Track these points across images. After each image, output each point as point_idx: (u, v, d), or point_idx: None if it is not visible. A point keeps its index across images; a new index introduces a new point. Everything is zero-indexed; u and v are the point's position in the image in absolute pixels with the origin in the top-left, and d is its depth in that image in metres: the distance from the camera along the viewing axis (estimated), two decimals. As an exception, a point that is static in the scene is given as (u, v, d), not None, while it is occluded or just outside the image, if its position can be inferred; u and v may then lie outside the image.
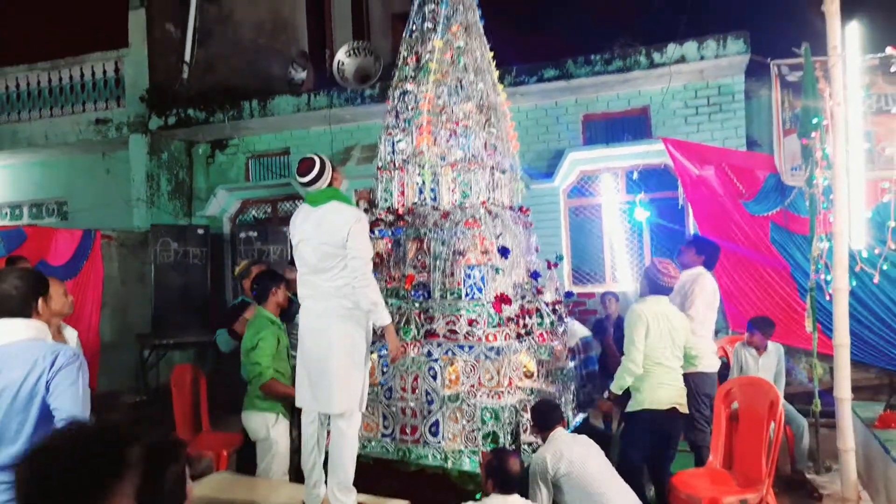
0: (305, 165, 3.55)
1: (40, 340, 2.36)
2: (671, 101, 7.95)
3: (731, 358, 5.85)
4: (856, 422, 4.92)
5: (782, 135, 7.21)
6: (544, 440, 3.71)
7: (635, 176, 8.02)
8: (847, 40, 4.07)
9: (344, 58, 8.42)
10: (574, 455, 3.49)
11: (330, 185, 3.60)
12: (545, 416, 3.78)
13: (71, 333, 3.75)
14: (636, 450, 4.05)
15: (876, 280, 4.41)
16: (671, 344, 4.10)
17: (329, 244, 3.46)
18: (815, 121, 4.42)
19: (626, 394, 4.24)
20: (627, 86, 7.94)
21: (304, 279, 3.62)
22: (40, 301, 2.44)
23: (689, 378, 4.32)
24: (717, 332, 6.38)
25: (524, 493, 3.34)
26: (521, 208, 5.02)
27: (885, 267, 4.31)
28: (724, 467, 4.16)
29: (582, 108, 8.37)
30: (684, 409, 4.14)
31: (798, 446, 5.21)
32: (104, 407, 6.01)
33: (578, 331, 5.72)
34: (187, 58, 9.80)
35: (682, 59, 7.32)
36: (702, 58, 7.28)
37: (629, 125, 8.38)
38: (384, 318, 3.51)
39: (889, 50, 4.03)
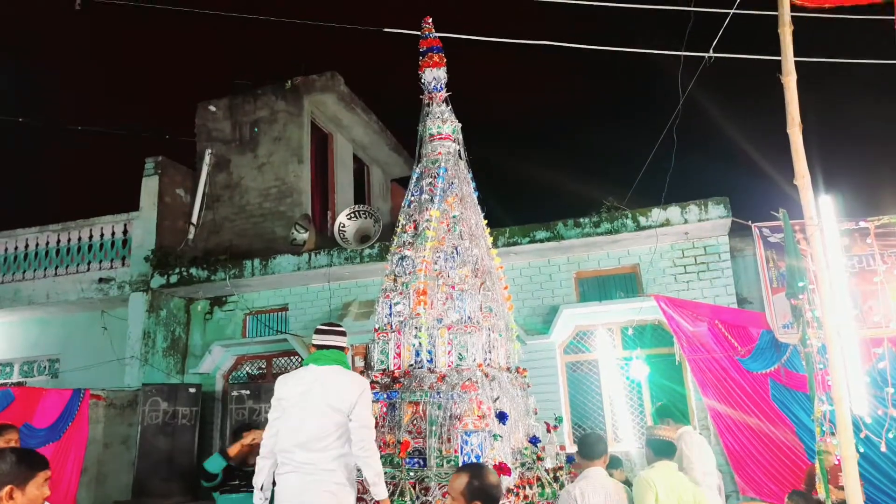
0: (332, 325, 3.73)
1: None
2: (660, 260, 8.22)
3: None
4: None
5: (771, 293, 7.39)
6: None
7: (630, 332, 8.09)
8: (822, 211, 4.32)
9: (345, 220, 8.83)
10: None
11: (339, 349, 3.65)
12: (588, 447, 3.72)
13: None
14: None
15: (883, 448, 4.29)
16: None
17: (333, 409, 3.41)
18: (801, 284, 4.56)
19: None
20: (616, 246, 8.26)
21: (288, 449, 3.47)
22: (9, 489, 2.30)
23: None
24: (727, 498, 6.09)
25: None
26: (517, 369, 5.01)
27: (890, 435, 4.22)
28: None
29: (574, 266, 8.64)
30: None
31: None
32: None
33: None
34: (194, 220, 10.25)
35: (667, 222, 7.69)
36: (685, 221, 7.64)
37: (621, 282, 8.60)
38: (383, 491, 3.40)
39: (862, 223, 4.26)
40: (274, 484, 3.57)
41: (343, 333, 3.74)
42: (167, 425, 8.39)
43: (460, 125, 5.54)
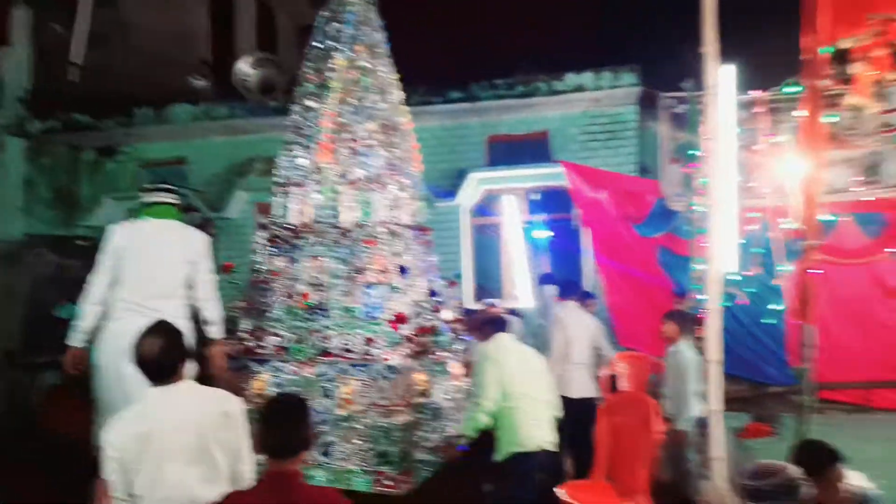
0: (159, 184, 4.12)
1: None
2: (570, 127, 8.31)
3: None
4: (727, 432, 5.31)
5: (669, 162, 7.73)
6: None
7: (536, 197, 8.34)
8: (722, 81, 4.42)
9: (247, 68, 8.22)
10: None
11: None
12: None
13: None
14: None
15: (744, 301, 4.79)
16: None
17: (182, 259, 3.80)
18: (691, 152, 4.76)
19: None
20: (529, 110, 8.24)
21: (133, 297, 3.72)
22: None
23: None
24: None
25: None
26: (421, 227, 5.07)
27: (752, 289, 4.69)
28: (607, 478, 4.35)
29: (486, 129, 8.58)
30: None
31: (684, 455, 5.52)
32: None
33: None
34: (76, 59, 9.23)
35: (580, 88, 7.71)
36: (598, 87, 7.69)
37: (531, 148, 8.67)
38: (221, 332, 4.02)
39: (754, 95, 4.41)
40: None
41: (172, 191, 4.12)
42: (56, 279, 8.05)
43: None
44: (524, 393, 3.86)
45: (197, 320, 3.96)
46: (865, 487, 2.93)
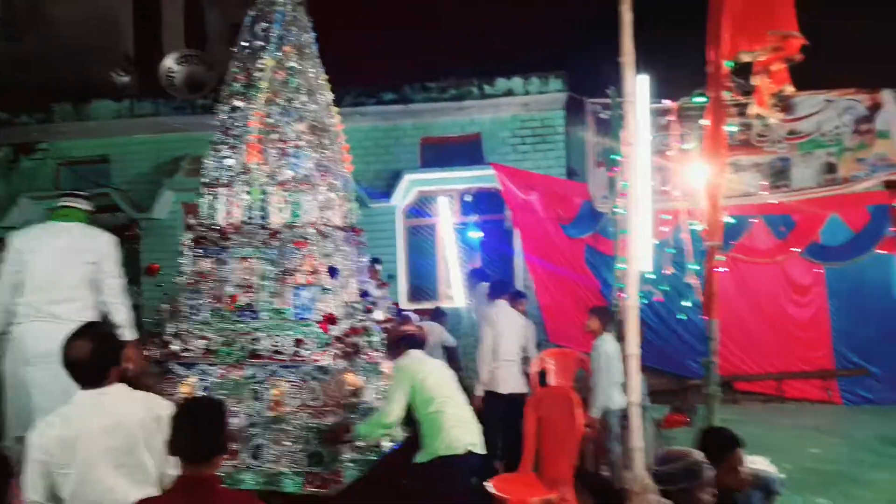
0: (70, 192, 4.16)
1: None
2: (501, 131, 8.51)
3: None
4: (649, 422, 5.58)
5: (595, 166, 8.03)
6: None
7: (469, 198, 8.49)
8: (638, 89, 4.64)
9: (174, 65, 8.00)
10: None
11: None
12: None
13: None
14: None
15: (660, 299, 5.05)
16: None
17: (85, 261, 3.78)
18: (613, 157, 4.99)
19: None
20: (461, 113, 8.39)
21: (35, 299, 3.71)
22: None
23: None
24: (538, 345, 6.87)
25: None
26: (353, 228, 5.09)
27: (667, 288, 4.96)
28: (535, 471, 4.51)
29: (420, 131, 8.68)
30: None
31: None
32: None
33: (437, 331, 6.39)
34: (-13, 50, 8.76)
35: (510, 92, 7.91)
36: (527, 92, 7.91)
37: (464, 150, 8.83)
38: (132, 334, 4.01)
39: (665, 102, 4.66)
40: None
41: (83, 197, 4.17)
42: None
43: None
44: (448, 397, 3.90)
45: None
46: (766, 470, 3.17)
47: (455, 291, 8.86)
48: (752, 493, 2.91)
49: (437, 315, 7.07)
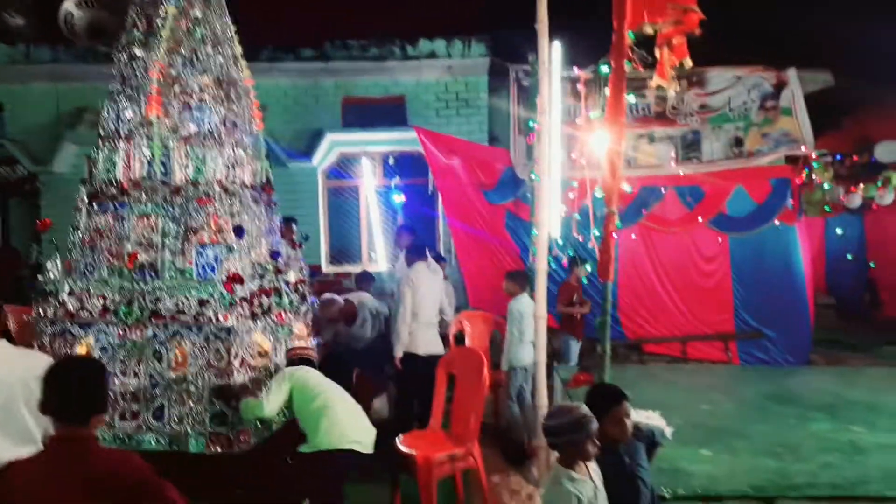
0: None
1: None
2: (425, 94, 8.43)
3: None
4: (557, 382, 5.80)
5: (517, 132, 8.10)
6: None
7: (391, 161, 8.41)
8: (552, 56, 4.70)
9: (73, 8, 7.42)
10: None
11: None
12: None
13: None
14: None
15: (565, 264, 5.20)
16: None
17: None
18: (530, 124, 5.04)
19: None
20: (384, 74, 8.24)
21: None
22: None
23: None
24: (457, 310, 6.98)
25: None
26: (263, 187, 4.96)
27: (570, 252, 5.11)
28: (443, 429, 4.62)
29: (341, 91, 8.49)
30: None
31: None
32: None
33: (367, 301, 6.33)
34: None
35: (433, 55, 7.82)
36: (449, 55, 7.85)
37: (387, 112, 8.71)
38: None
39: (575, 70, 4.73)
40: None
41: None
42: None
43: None
44: (341, 397, 3.88)
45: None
46: (655, 424, 3.36)
47: (378, 254, 8.85)
48: (636, 444, 3.07)
49: (363, 280, 6.96)
